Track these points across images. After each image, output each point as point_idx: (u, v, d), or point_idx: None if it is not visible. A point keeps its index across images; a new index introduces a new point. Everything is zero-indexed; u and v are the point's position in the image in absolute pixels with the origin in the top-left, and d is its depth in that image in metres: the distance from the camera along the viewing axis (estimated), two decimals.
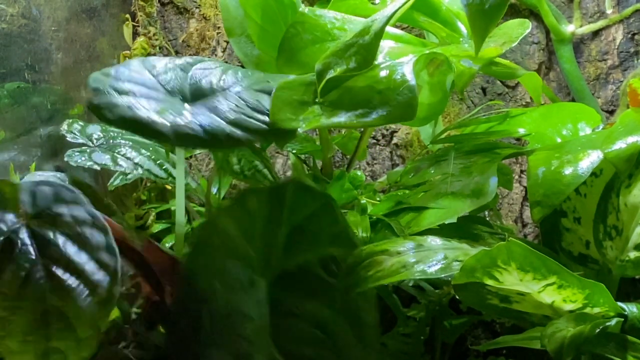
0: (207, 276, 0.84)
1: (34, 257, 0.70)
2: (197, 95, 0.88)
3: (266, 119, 0.82)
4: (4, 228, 0.71)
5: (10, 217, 0.72)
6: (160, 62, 0.92)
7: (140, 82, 0.88)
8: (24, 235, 0.71)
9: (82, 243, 0.72)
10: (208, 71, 0.91)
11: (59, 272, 0.70)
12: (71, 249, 0.71)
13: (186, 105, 0.85)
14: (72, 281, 0.69)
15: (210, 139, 0.79)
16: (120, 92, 0.84)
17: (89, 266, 0.71)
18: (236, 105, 0.83)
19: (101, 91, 0.83)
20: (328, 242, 0.84)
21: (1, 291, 0.67)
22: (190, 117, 0.81)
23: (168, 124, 0.78)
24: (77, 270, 0.70)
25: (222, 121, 0.81)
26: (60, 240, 0.72)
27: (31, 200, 0.75)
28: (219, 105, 0.84)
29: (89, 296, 0.69)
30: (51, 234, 0.72)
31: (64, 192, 0.76)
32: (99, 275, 0.70)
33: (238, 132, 0.80)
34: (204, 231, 0.85)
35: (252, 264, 0.85)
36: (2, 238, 0.70)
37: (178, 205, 0.94)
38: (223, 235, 0.84)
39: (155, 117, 0.79)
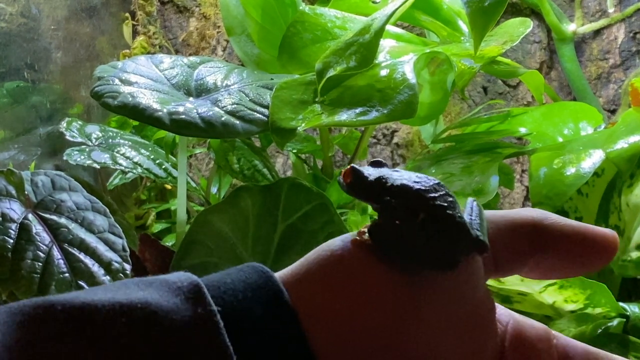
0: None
1: (49, 240, 0.73)
2: (201, 91, 0.89)
3: (266, 111, 0.82)
4: (15, 216, 0.74)
5: (17, 205, 0.76)
6: (168, 59, 0.94)
7: (146, 75, 0.89)
8: (34, 221, 0.75)
9: (88, 226, 0.76)
10: (214, 69, 0.92)
11: (75, 252, 0.73)
12: (80, 232, 0.75)
13: (190, 98, 0.86)
14: (88, 260, 0.73)
15: (207, 128, 0.79)
16: (125, 82, 0.85)
17: (100, 246, 0.75)
18: (238, 98, 0.83)
19: (105, 79, 0.84)
20: (323, 243, 0.83)
21: (27, 271, 0.70)
22: (191, 106, 0.81)
23: (166, 111, 0.78)
24: (90, 250, 0.74)
25: (220, 110, 0.81)
26: (68, 224, 0.76)
27: (33, 189, 0.78)
28: (221, 98, 0.84)
29: (106, 274, 0.72)
30: (58, 219, 0.76)
31: (61, 180, 0.81)
32: (110, 254, 0.74)
33: (236, 121, 0.80)
34: (194, 229, 0.84)
35: None
36: (17, 224, 0.73)
37: (179, 204, 0.94)
38: (215, 235, 0.84)
39: (156, 105, 0.79)
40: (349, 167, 0.34)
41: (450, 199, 0.33)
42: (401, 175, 0.33)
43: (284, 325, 0.31)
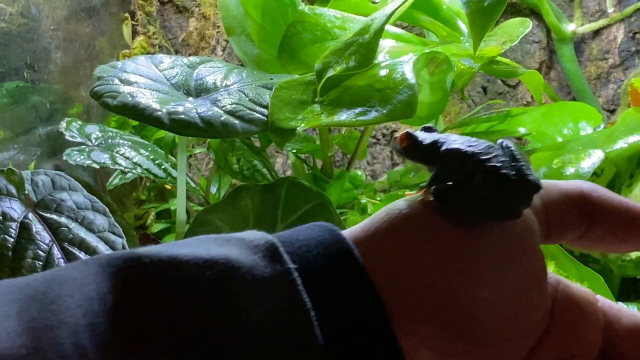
0: None
1: (49, 239, 0.73)
2: (201, 91, 0.88)
3: (265, 111, 0.82)
4: (16, 215, 0.74)
5: (17, 204, 0.76)
6: (168, 59, 0.94)
7: (146, 75, 0.88)
8: (34, 220, 0.75)
9: (88, 225, 0.76)
10: (214, 69, 0.92)
11: (75, 251, 0.73)
12: (80, 231, 0.75)
13: (190, 98, 0.86)
14: None
15: (207, 127, 0.79)
16: (125, 82, 0.84)
17: (100, 246, 0.75)
18: (238, 98, 0.83)
19: (105, 79, 0.84)
20: None
21: (28, 271, 0.72)
22: (190, 106, 0.81)
23: (165, 111, 0.78)
24: (90, 249, 0.74)
25: (220, 110, 0.81)
26: (68, 223, 0.76)
27: (33, 188, 0.79)
28: (221, 98, 0.84)
29: None
30: (59, 219, 0.76)
31: (61, 179, 0.81)
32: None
33: (236, 121, 0.80)
34: (193, 229, 0.84)
35: None
36: (17, 223, 0.74)
37: (179, 204, 0.94)
38: (214, 234, 0.84)
39: (155, 105, 0.79)
40: (404, 132, 0.36)
41: (503, 158, 0.34)
42: (455, 140, 0.35)
43: (354, 281, 0.32)
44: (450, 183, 0.34)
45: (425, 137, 0.36)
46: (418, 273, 0.33)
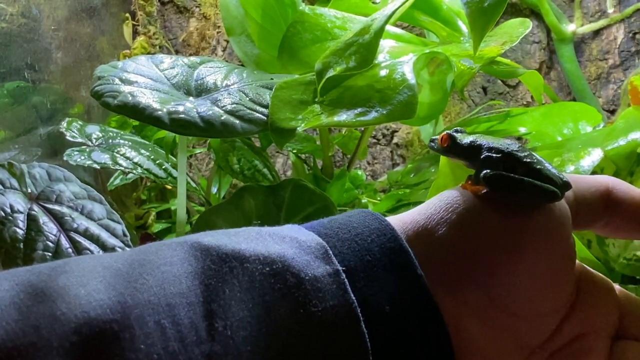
0: None
1: (56, 230, 0.75)
2: (201, 91, 0.88)
3: (265, 111, 0.82)
4: (22, 208, 0.76)
5: (21, 196, 0.77)
6: (168, 59, 0.94)
7: (146, 74, 0.89)
8: (39, 211, 0.76)
9: (88, 214, 0.78)
10: (214, 69, 0.92)
11: (81, 240, 0.75)
12: (82, 220, 0.77)
13: (190, 98, 0.86)
14: (93, 247, 0.75)
15: (207, 127, 0.79)
16: (125, 82, 0.84)
17: (102, 233, 0.76)
18: (238, 98, 0.83)
19: (105, 79, 0.84)
20: None
21: (39, 263, 0.71)
22: (190, 106, 0.81)
23: (165, 110, 0.78)
24: (94, 237, 0.76)
25: (220, 110, 0.81)
26: (71, 213, 0.77)
27: (31, 181, 0.80)
28: (221, 97, 0.84)
29: None
30: (61, 209, 0.77)
31: (55, 171, 0.82)
32: (113, 240, 0.76)
33: (236, 121, 0.80)
34: (197, 229, 0.84)
35: None
36: (24, 215, 0.75)
37: (179, 204, 0.94)
38: None
39: (156, 105, 0.79)
40: (444, 133, 0.42)
41: (535, 157, 0.40)
42: (491, 140, 0.41)
43: (404, 271, 0.35)
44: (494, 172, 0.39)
45: (463, 138, 0.42)
46: (470, 249, 0.37)
